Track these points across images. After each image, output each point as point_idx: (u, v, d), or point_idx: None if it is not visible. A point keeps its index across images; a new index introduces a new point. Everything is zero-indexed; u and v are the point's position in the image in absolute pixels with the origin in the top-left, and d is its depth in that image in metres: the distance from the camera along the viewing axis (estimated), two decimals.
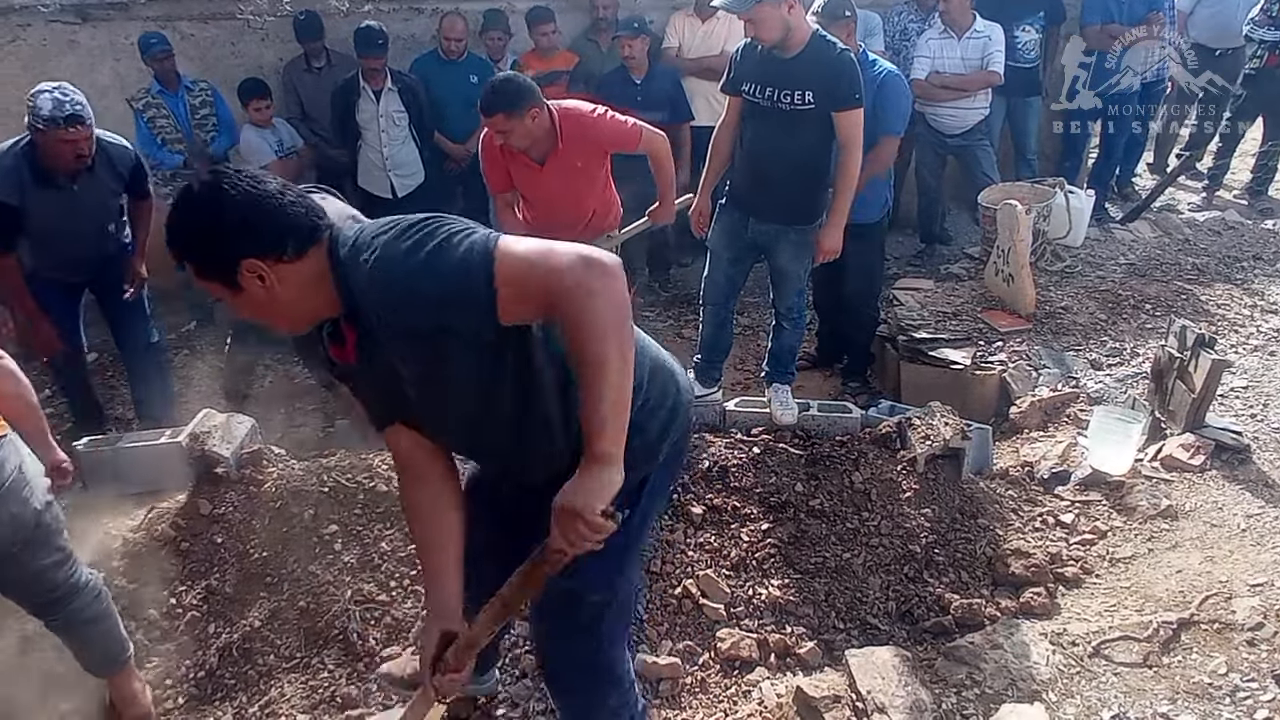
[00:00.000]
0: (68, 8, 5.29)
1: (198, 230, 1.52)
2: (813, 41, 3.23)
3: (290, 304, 1.57)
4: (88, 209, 3.59)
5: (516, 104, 3.23)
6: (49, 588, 2.30)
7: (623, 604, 1.98)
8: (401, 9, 5.54)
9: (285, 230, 1.52)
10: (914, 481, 3.13)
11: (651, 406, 1.81)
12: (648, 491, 1.88)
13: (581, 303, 1.45)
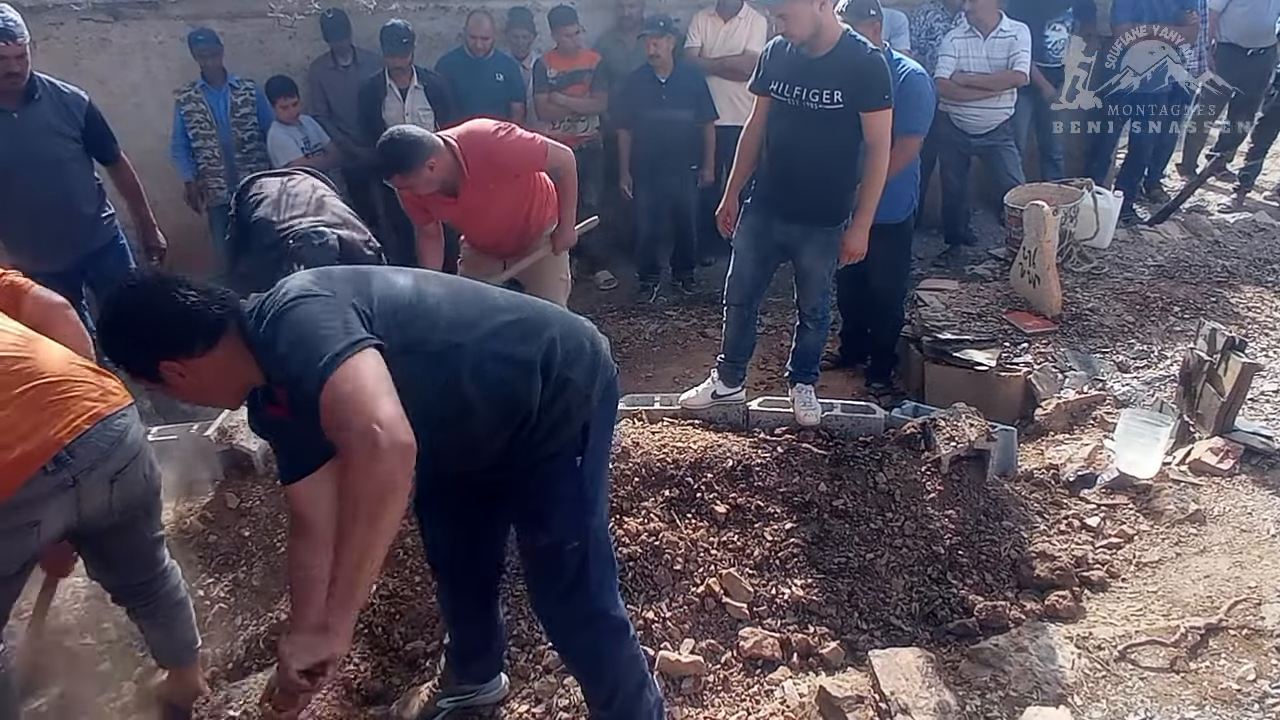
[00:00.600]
0: (99, 6, 5.36)
1: (118, 339, 1.75)
2: (843, 40, 3.20)
3: (216, 385, 1.79)
4: (33, 140, 3.56)
5: (408, 163, 3.21)
6: (152, 563, 2.35)
7: (599, 547, 2.09)
8: (428, 7, 5.57)
9: (191, 333, 1.71)
10: (938, 483, 3.12)
11: (571, 359, 1.96)
12: (592, 435, 2.01)
13: (350, 477, 1.54)
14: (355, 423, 1.52)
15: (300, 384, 1.59)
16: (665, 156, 5.29)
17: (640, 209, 5.53)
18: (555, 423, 1.93)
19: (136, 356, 1.74)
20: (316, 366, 1.56)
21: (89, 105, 3.79)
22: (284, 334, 1.64)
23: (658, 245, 5.67)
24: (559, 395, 1.92)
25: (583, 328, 2.07)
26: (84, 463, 1.99)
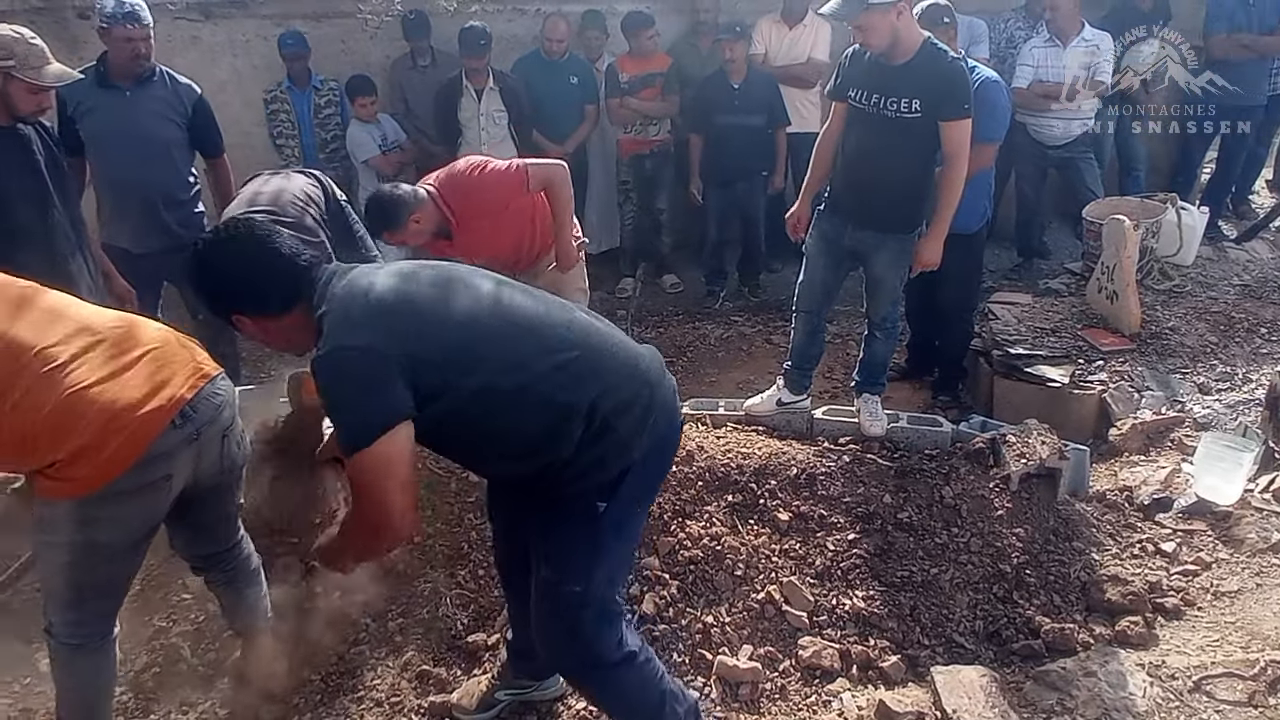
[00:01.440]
0: (192, 5, 5.56)
1: (200, 285, 1.92)
2: (924, 49, 3.16)
3: (281, 341, 1.96)
4: (142, 119, 3.73)
5: (393, 222, 3.32)
6: (235, 529, 2.46)
7: (598, 597, 2.00)
8: (505, 10, 5.66)
9: (266, 294, 1.85)
10: (1006, 500, 3.06)
11: (620, 409, 1.89)
12: (626, 484, 1.93)
13: (354, 534, 1.88)
14: (370, 513, 1.77)
15: (338, 431, 1.79)
16: (736, 162, 5.29)
17: (709, 213, 5.54)
18: (587, 467, 1.88)
19: (215, 304, 1.90)
20: (351, 438, 1.72)
21: (199, 97, 3.97)
22: (329, 379, 1.74)
23: (725, 250, 5.67)
24: (597, 440, 1.86)
25: (644, 376, 1.98)
26: (204, 417, 2.11)
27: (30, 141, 3.07)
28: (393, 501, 1.73)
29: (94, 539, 2.03)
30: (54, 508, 2.02)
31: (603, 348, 1.95)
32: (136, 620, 2.77)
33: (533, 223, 3.69)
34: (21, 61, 2.89)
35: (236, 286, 1.86)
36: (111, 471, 1.96)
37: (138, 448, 1.97)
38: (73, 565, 2.06)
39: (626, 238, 5.87)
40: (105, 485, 1.97)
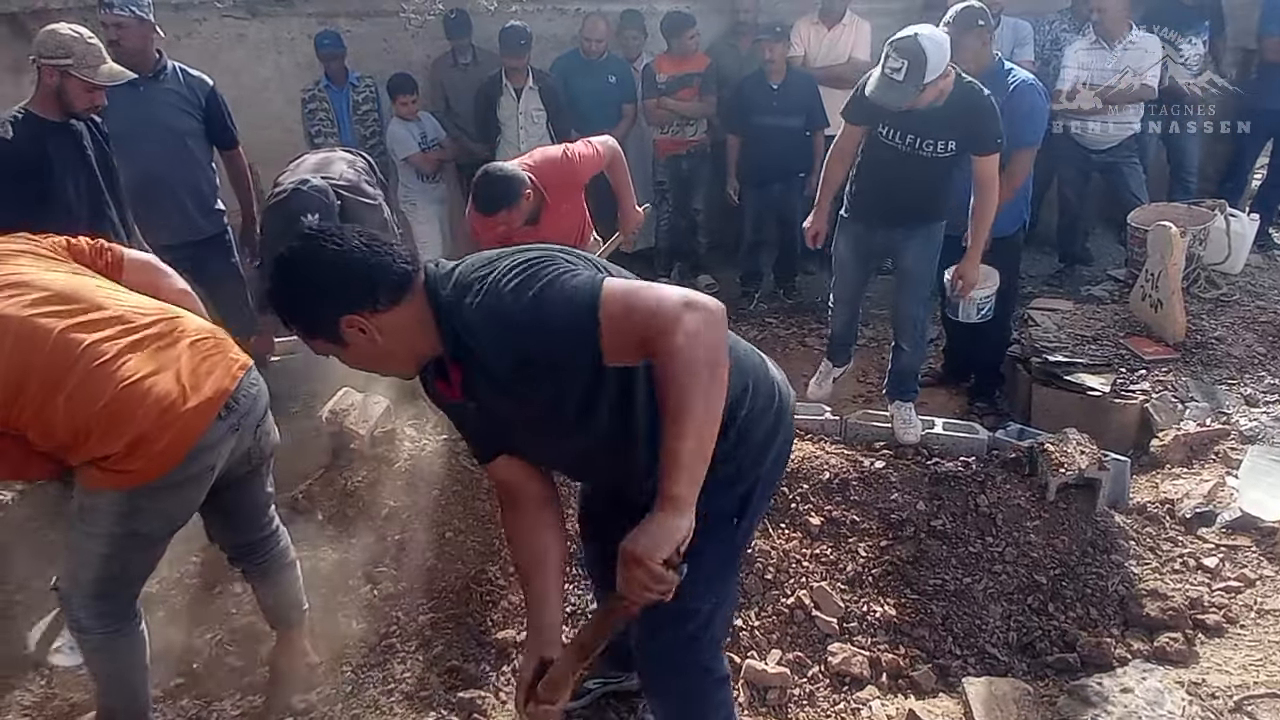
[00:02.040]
0: (239, 3, 5.65)
1: (295, 295, 1.60)
2: (956, 88, 3.21)
3: (396, 350, 1.63)
4: (157, 111, 3.74)
5: (511, 198, 3.27)
6: (269, 518, 2.50)
7: (727, 609, 2.00)
8: (545, 9, 5.68)
9: (375, 284, 1.56)
10: (1043, 509, 3.02)
11: (757, 413, 1.80)
12: (755, 499, 1.87)
13: (673, 348, 1.43)
14: (660, 307, 1.45)
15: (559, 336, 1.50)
16: (773, 163, 5.26)
17: (745, 214, 5.51)
18: (726, 479, 1.73)
19: (317, 311, 1.58)
20: (581, 302, 1.48)
21: (211, 89, 4.01)
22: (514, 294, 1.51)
23: (761, 251, 5.64)
24: (736, 450, 1.75)
25: (776, 383, 1.90)
26: (244, 408, 2.14)
27: (82, 137, 3.14)
28: (667, 290, 1.49)
29: (136, 529, 2.07)
30: (98, 498, 2.05)
31: (742, 342, 1.86)
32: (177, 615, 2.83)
33: (584, 213, 3.81)
34: (79, 60, 2.95)
35: (340, 282, 1.56)
36: (167, 464, 2.00)
37: (190, 440, 2.01)
38: (110, 556, 2.09)
39: (662, 238, 5.86)
40: (160, 477, 2.00)
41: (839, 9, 5.33)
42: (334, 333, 1.58)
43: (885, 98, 3.13)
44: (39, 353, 1.95)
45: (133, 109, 3.69)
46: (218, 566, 2.80)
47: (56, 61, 2.95)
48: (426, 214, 5.40)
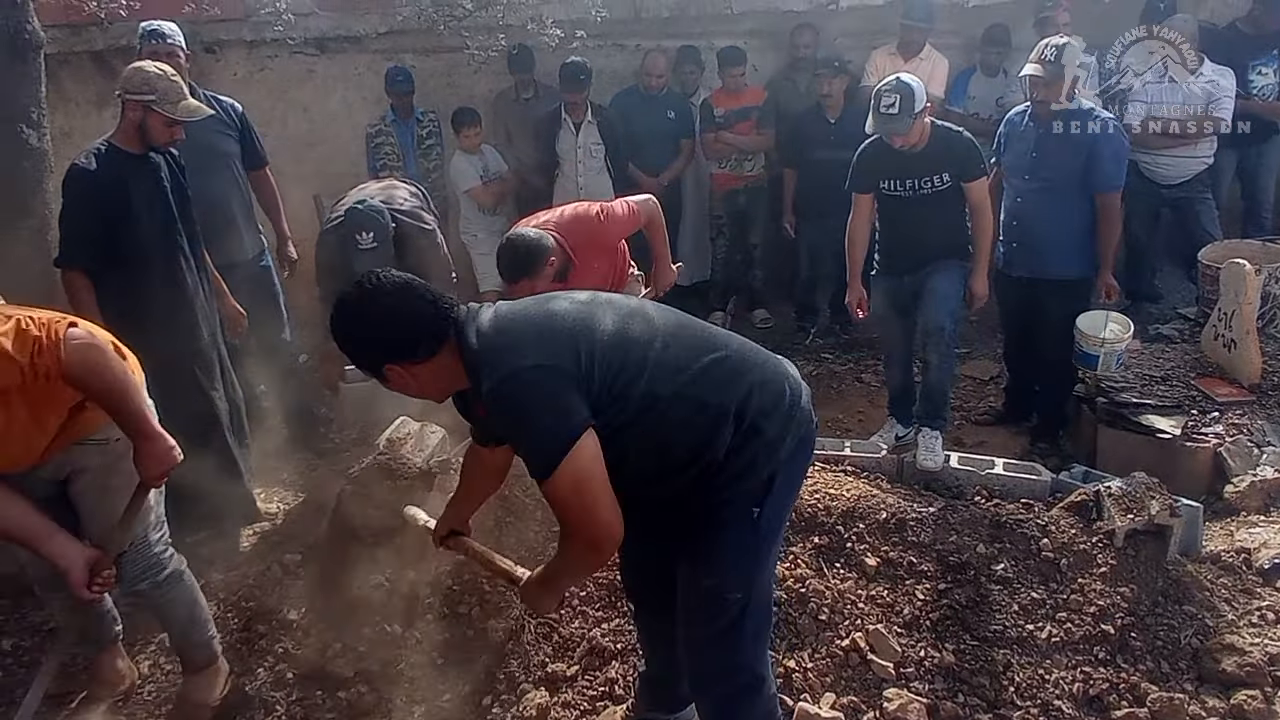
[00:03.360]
0: (310, 40, 5.84)
1: (347, 338, 1.90)
2: (935, 131, 3.71)
3: (431, 386, 1.94)
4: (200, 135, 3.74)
5: (535, 267, 3.31)
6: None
7: (760, 604, 2.09)
8: (605, 45, 5.77)
9: (412, 340, 1.85)
10: (1111, 556, 2.91)
11: (767, 409, 1.95)
12: (775, 488, 1.98)
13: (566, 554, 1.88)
14: (582, 530, 1.79)
15: (526, 458, 1.80)
16: (831, 197, 5.19)
17: (802, 249, 5.49)
18: (739, 471, 1.93)
19: (365, 357, 1.90)
20: (542, 460, 1.74)
21: (242, 112, 4.16)
22: (509, 404, 1.78)
23: (817, 286, 5.60)
24: (747, 443, 1.92)
25: (785, 374, 2.06)
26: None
27: (160, 169, 3.26)
28: (600, 507, 1.76)
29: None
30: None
31: (747, 346, 2.06)
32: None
33: (620, 265, 3.81)
34: (161, 96, 3.08)
35: (385, 336, 1.85)
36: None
37: None
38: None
39: (718, 271, 5.87)
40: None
41: (919, 41, 5.31)
42: (378, 372, 1.90)
43: (886, 129, 3.63)
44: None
45: (188, 136, 3.85)
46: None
47: (140, 97, 3.08)
48: (486, 247, 5.46)
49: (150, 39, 3.84)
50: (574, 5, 5.46)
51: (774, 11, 5.60)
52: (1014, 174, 4.08)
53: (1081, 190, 3.91)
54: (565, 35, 5.17)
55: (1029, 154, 3.99)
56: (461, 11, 5.23)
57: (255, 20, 5.57)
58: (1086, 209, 3.94)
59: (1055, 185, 3.94)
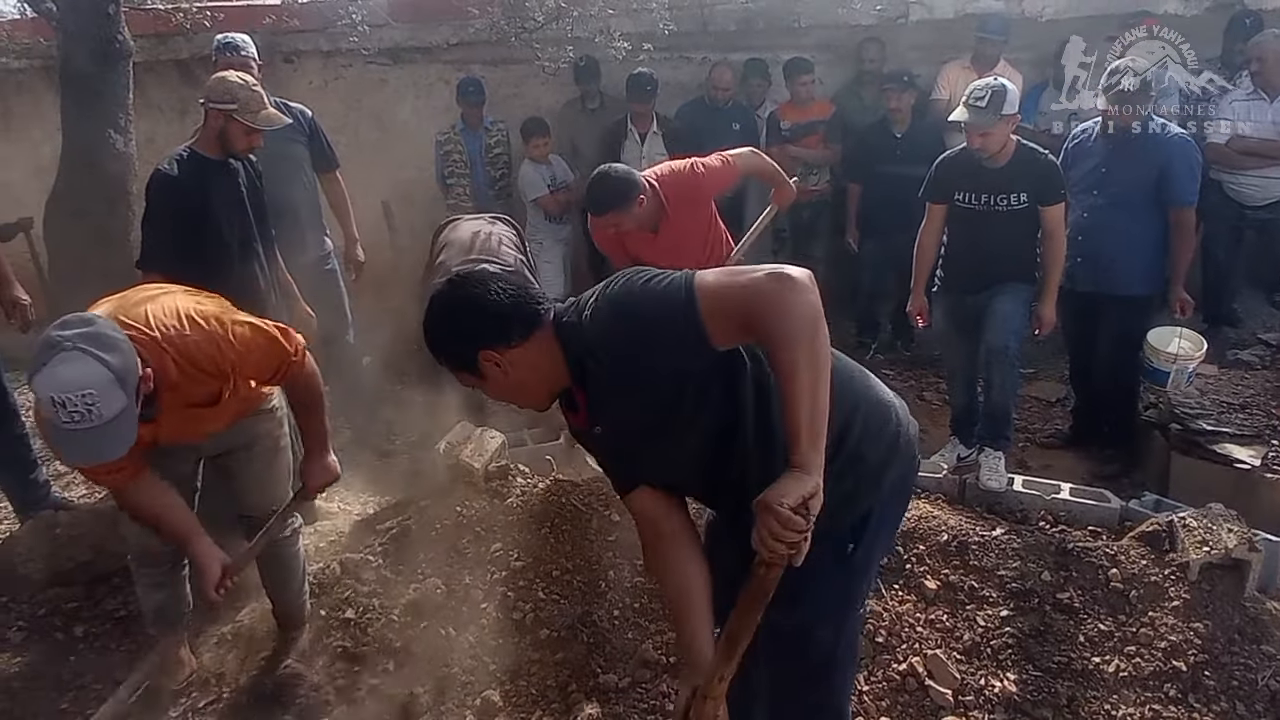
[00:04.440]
0: (383, 51, 5.98)
1: (440, 333, 1.80)
2: (1019, 149, 3.64)
3: (527, 381, 1.79)
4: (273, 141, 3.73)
5: (624, 200, 3.32)
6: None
7: (849, 645, 1.98)
8: (672, 57, 5.79)
9: (508, 323, 1.74)
10: (1184, 590, 2.81)
11: (870, 435, 1.82)
12: (872, 525, 1.86)
13: (772, 314, 1.54)
14: (753, 279, 1.57)
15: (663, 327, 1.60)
16: (895, 212, 5.13)
17: (865, 264, 5.43)
18: (839, 501, 1.67)
19: (458, 347, 1.78)
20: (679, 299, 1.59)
21: (311, 117, 4.26)
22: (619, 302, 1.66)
23: (879, 302, 5.53)
24: (848, 470, 1.75)
25: (892, 407, 1.91)
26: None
27: (239, 175, 3.36)
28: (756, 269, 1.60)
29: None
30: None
31: (853, 370, 1.91)
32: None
33: (715, 225, 3.81)
34: (243, 106, 3.18)
35: (477, 322, 1.75)
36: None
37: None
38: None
39: None
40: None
41: (993, 55, 5.22)
42: (473, 366, 1.77)
43: (969, 120, 3.54)
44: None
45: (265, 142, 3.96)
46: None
47: (223, 105, 3.17)
48: (551, 254, 5.53)
49: (225, 51, 3.95)
50: (642, 18, 5.49)
51: (841, 25, 5.55)
52: (1081, 190, 3.99)
53: (1152, 205, 3.84)
54: (632, 47, 5.20)
55: (1098, 169, 3.93)
56: (532, 24, 5.30)
57: (331, 31, 5.73)
58: (1157, 224, 3.86)
59: (1125, 200, 3.87)
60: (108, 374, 1.98)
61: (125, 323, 2.18)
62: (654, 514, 1.87)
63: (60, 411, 1.95)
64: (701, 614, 1.83)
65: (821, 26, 5.62)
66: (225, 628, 3.11)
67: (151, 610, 2.78)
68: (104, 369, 1.98)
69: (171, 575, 2.74)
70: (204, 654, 3.06)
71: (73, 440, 2.01)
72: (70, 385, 1.94)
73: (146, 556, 2.69)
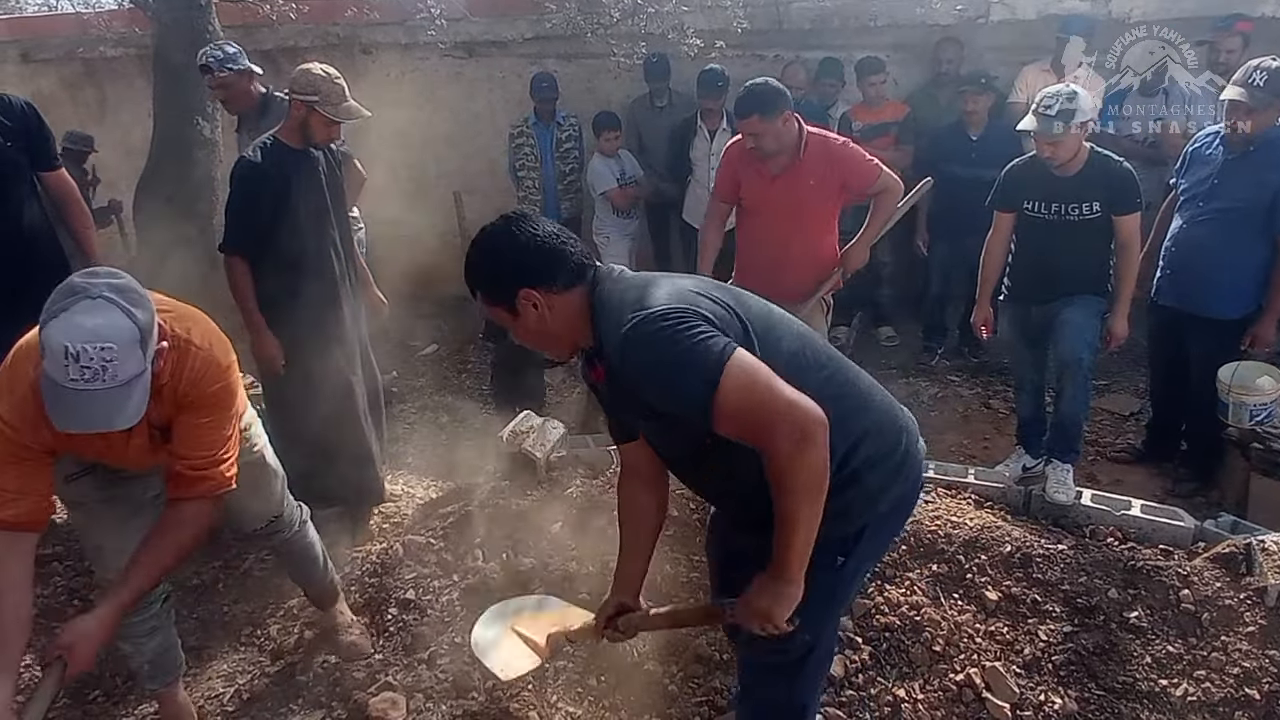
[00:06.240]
0: (459, 44, 6.08)
1: (486, 263, 1.81)
2: (1092, 157, 3.51)
3: (558, 332, 1.82)
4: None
5: (771, 107, 3.35)
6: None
7: (824, 652, 2.07)
8: (744, 55, 5.76)
9: (555, 266, 1.77)
10: (1260, 616, 2.71)
11: (874, 461, 1.85)
12: (864, 541, 1.91)
13: (784, 464, 1.60)
14: (782, 421, 1.58)
15: (681, 396, 1.63)
16: (968, 216, 5.03)
17: (934, 267, 5.34)
18: (832, 516, 1.72)
19: (502, 281, 1.77)
20: (700, 382, 1.59)
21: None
22: (648, 345, 1.65)
23: (947, 306, 5.44)
24: (844, 489, 1.78)
25: (904, 428, 1.93)
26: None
27: (319, 163, 3.45)
28: (785, 390, 1.59)
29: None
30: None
31: (869, 386, 1.93)
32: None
33: (825, 236, 3.72)
34: (324, 98, 3.26)
35: (529, 257, 1.76)
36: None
37: None
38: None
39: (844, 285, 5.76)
40: None
41: (1074, 58, 5.08)
42: (512, 303, 1.78)
43: (1038, 129, 3.44)
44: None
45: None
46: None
47: (305, 97, 3.27)
48: (617, 249, 5.56)
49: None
50: (716, 15, 5.48)
51: (919, 24, 5.46)
52: (1188, 200, 3.76)
53: (1259, 229, 3.56)
54: (705, 44, 5.19)
55: (1210, 180, 3.66)
56: (608, 19, 5.33)
57: (410, 24, 5.84)
58: (1259, 249, 3.59)
59: (1230, 218, 3.60)
60: (133, 331, 1.78)
61: (157, 298, 1.98)
62: (638, 461, 2.06)
63: (71, 365, 1.70)
64: (645, 539, 2.12)
65: (898, 25, 5.54)
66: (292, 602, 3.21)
67: (148, 663, 2.50)
68: (130, 324, 1.78)
69: (163, 617, 2.51)
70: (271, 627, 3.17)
71: (77, 401, 1.74)
72: (90, 335, 1.72)
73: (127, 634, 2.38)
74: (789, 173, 3.51)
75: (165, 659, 2.54)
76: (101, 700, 2.90)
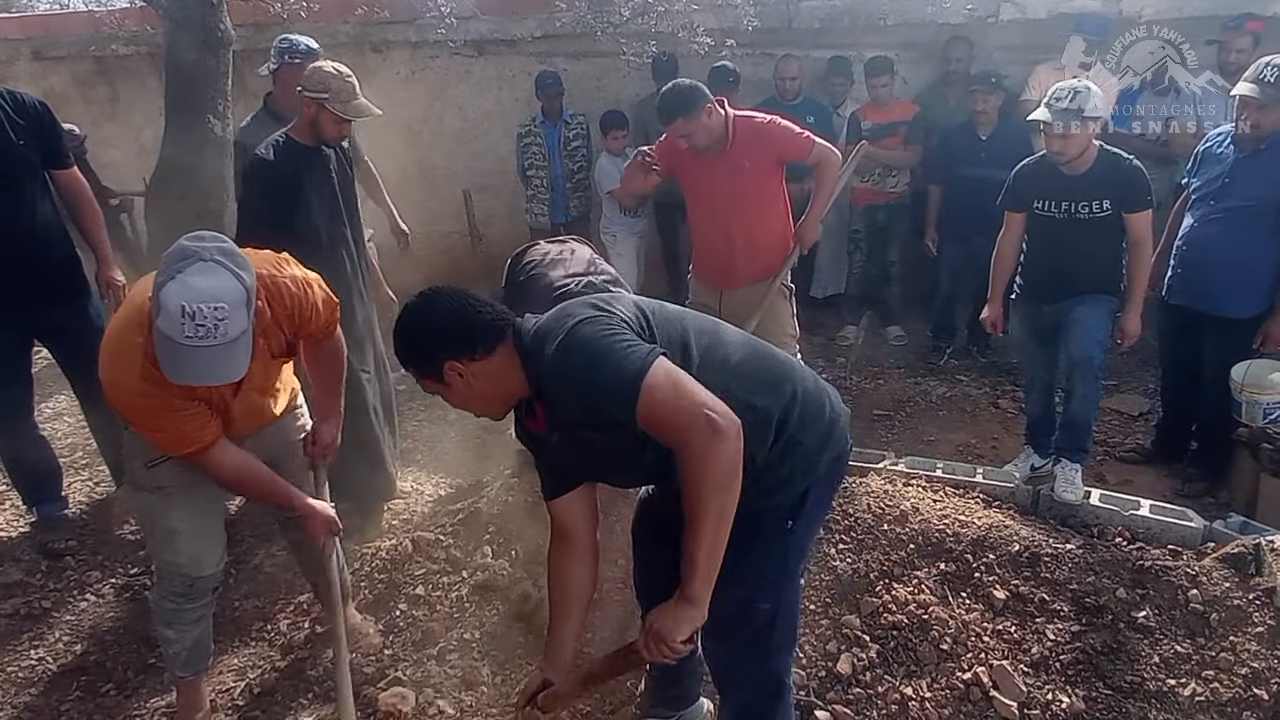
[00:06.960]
0: (469, 43, 6.10)
1: (409, 341, 1.90)
2: (1101, 155, 3.50)
3: (486, 393, 1.90)
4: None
5: (692, 105, 3.41)
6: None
7: (788, 613, 2.11)
8: (754, 54, 5.77)
9: (473, 335, 1.84)
10: (1269, 616, 2.70)
11: (806, 422, 1.94)
12: (809, 503, 2.00)
13: (694, 461, 1.67)
14: (689, 419, 1.66)
15: (610, 393, 1.71)
16: (976, 216, 5.03)
17: (942, 267, 5.34)
18: (777, 482, 1.91)
19: (425, 355, 1.87)
20: (626, 381, 1.68)
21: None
22: (573, 356, 1.75)
23: (956, 306, 5.44)
24: (786, 456, 1.91)
25: (826, 391, 2.06)
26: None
27: (330, 161, 3.47)
28: (701, 392, 1.69)
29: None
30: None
31: (786, 358, 2.06)
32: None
33: (770, 216, 3.77)
34: (335, 95, 3.28)
35: (446, 331, 1.85)
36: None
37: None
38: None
39: (853, 285, 5.77)
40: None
41: (1088, 58, 5.08)
42: (438, 375, 1.87)
43: (1048, 120, 3.43)
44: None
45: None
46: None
47: (316, 95, 3.28)
48: (625, 246, 5.57)
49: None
50: (726, 13, 5.49)
51: (929, 23, 5.45)
52: (1200, 199, 3.76)
53: (1271, 227, 3.55)
54: (715, 43, 5.20)
55: (1221, 179, 3.65)
56: (618, 18, 5.34)
57: (420, 23, 5.86)
58: (1271, 248, 3.59)
59: (1243, 217, 3.59)
60: (242, 291, 1.98)
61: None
62: (572, 524, 2.04)
63: (187, 324, 1.90)
64: (577, 615, 2.11)
65: (908, 24, 5.54)
66: (302, 597, 3.24)
67: (185, 651, 2.60)
68: (239, 285, 1.97)
69: (210, 607, 2.64)
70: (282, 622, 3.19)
71: (194, 357, 1.94)
72: (206, 296, 1.92)
73: (192, 590, 2.55)
74: (723, 158, 3.58)
75: (200, 648, 2.65)
76: (113, 693, 2.94)
